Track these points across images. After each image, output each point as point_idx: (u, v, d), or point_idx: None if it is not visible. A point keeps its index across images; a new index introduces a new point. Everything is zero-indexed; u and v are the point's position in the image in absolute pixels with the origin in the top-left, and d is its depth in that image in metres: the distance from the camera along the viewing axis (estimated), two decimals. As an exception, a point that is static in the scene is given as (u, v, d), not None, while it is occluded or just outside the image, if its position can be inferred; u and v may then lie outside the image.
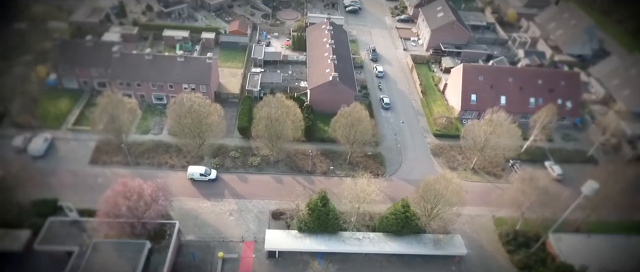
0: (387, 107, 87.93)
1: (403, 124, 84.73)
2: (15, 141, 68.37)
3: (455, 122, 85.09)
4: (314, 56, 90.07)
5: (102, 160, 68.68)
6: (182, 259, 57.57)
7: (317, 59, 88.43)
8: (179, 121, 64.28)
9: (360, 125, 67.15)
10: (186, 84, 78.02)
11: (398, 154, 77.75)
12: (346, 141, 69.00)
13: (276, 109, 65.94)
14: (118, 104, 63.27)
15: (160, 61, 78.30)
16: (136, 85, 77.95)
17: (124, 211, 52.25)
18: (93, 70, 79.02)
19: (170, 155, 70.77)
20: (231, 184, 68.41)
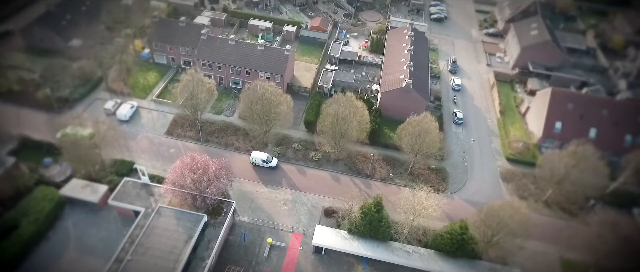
0: (459, 123, 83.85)
1: (474, 142, 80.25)
2: (107, 104, 75.73)
3: (533, 148, 78.75)
4: (390, 60, 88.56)
5: (176, 132, 73.61)
6: (233, 238, 59.85)
7: (392, 64, 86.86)
8: (250, 106, 66.82)
9: (428, 136, 64.72)
10: (262, 72, 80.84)
11: (464, 172, 73.83)
12: (410, 151, 66.97)
13: (344, 108, 65.86)
14: (198, 83, 67.31)
15: (241, 47, 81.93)
16: (217, 67, 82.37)
17: (188, 182, 55.57)
18: (182, 49, 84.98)
19: (237, 137, 73.86)
20: (289, 174, 69.68)
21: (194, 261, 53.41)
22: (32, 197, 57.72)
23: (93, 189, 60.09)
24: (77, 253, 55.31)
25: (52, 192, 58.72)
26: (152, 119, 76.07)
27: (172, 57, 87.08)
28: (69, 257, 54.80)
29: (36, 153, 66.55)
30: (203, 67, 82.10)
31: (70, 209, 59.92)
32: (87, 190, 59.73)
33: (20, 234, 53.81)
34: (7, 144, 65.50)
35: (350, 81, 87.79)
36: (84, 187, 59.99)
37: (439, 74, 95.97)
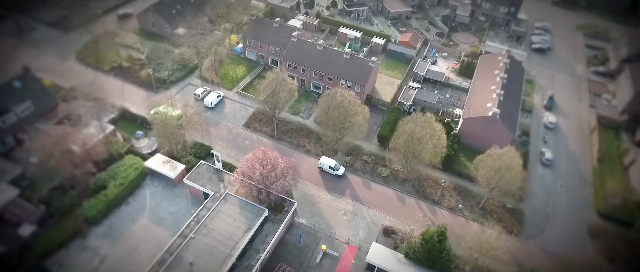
0: (547, 164, 76.54)
1: (561, 187, 72.65)
2: (197, 91, 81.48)
3: (633, 207, 69.15)
4: (479, 86, 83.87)
5: (253, 126, 76.75)
6: (289, 237, 60.55)
7: (481, 90, 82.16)
8: (327, 112, 67.42)
9: (508, 173, 59.85)
10: (344, 80, 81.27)
11: (544, 218, 67.12)
12: (486, 184, 62.50)
13: (421, 128, 63.61)
14: (282, 82, 69.58)
15: (328, 53, 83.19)
16: (301, 70, 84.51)
17: (257, 175, 57.46)
18: (271, 48, 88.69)
19: (309, 140, 74.91)
20: (355, 185, 68.91)
21: (249, 252, 54.96)
22: (121, 163, 63.82)
23: (172, 166, 64.74)
24: (149, 222, 59.90)
25: (138, 162, 64.39)
26: (234, 110, 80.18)
27: (261, 54, 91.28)
28: (142, 224, 59.56)
29: (131, 125, 73.68)
30: (288, 68, 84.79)
31: (151, 180, 65.19)
32: (167, 166, 64.53)
33: (106, 195, 59.73)
34: (110, 113, 73.28)
35: (432, 102, 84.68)
36: (165, 163, 64.88)
37: (531, 108, 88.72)
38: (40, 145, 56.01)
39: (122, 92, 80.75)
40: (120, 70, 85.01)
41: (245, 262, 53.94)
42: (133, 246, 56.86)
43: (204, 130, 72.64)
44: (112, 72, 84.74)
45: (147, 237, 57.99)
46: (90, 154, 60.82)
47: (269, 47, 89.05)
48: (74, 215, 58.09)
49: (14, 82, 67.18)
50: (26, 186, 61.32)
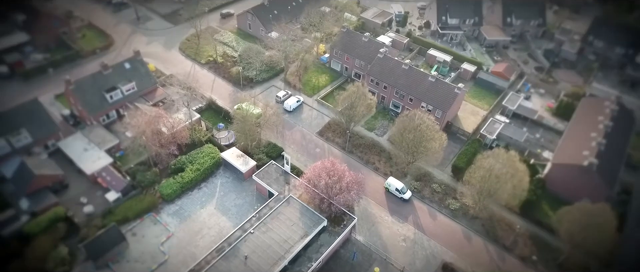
0: (649, 231, 66.45)
1: (663, 261, 62.52)
2: (279, 93, 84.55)
3: None
4: (576, 131, 75.89)
5: (327, 135, 77.42)
6: (343, 252, 59.70)
7: (578, 135, 74.23)
8: (402, 133, 65.71)
9: (598, 232, 53.01)
10: (425, 103, 78.75)
11: (635, 292, 58.23)
12: (569, 240, 55.97)
13: (502, 166, 59.03)
14: (361, 96, 69.44)
15: (413, 74, 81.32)
16: (383, 86, 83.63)
17: (322, 184, 57.75)
18: (357, 61, 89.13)
19: (379, 158, 73.57)
20: (419, 212, 66.07)
21: (302, 258, 55.17)
22: (201, 150, 68.22)
23: (245, 160, 67.63)
24: (216, 209, 63.07)
25: (216, 152, 68.33)
26: (310, 117, 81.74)
27: (346, 66, 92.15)
28: (209, 210, 62.92)
29: (215, 116, 78.62)
30: (370, 83, 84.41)
31: (223, 171, 68.76)
32: (240, 160, 67.58)
33: (183, 177, 64.15)
34: (198, 102, 78.95)
35: (519, 139, 78.41)
36: (239, 157, 68.01)
37: (638, 165, 77.99)
38: (137, 122, 62.01)
39: (212, 85, 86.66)
40: (215, 64, 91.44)
41: (297, 268, 54.21)
42: (197, 229, 60.23)
43: (279, 131, 75.11)
44: (207, 65, 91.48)
45: (211, 223, 61.08)
46: (175, 137, 65.93)
47: (354, 60, 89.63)
48: (152, 190, 63.27)
49: (125, 63, 75.50)
50: (118, 157, 68.26)
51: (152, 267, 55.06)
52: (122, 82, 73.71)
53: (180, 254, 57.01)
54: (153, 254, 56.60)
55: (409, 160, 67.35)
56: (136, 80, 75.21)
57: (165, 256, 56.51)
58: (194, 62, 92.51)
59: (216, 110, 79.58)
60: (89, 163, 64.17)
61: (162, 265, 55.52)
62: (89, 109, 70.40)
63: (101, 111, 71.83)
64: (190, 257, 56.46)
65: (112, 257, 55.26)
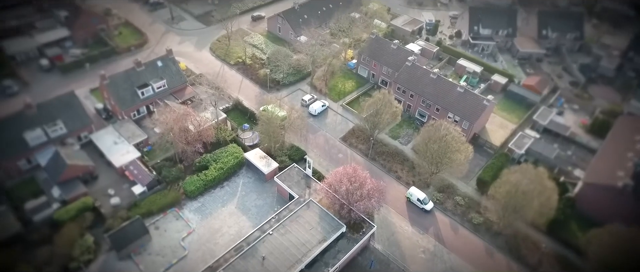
0: (687, 260, 62.77)
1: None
2: (305, 97, 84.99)
3: None
4: (611, 150, 72.71)
5: (350, 141, 77.19)
6: (361, 260, 59.19)
7: (613, 155, 71.10)
8: (427, 143, 64.73)
9: (630, 259, 50.45)
10: (452, 114, 77.39)
11: (669, 324, 55.00)
12: (597, 263, 53.52)
13: (529, 182, 57.13)
14: (387, 103, 68.96)
15: (441, 83, 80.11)
16: (410, 95, 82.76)
17: (343, 190, 57.54)
18: (384, 69, 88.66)
19: (402, 167, 72.73)
20: (441, 225, 64.80)
21: (319, 263, 55.03)
22: (225, 149, 69.31)
23: (267, 162, 68.21)
24: (236, 209, 63.83)
25: (239, 152, 69.26)
26: (335, 122, 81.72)
27: (373, 73, 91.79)
28: (229, 209, 63.76)
29: (240, 117, 79.79)
30: (397, 91, 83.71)
31: (246, 171, 69.59)
32: (263, 161, 68.22)
33: (206, 175, 65.30)
34: (225, 102, 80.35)
35: (549, 156, 75.83)
36: (262, 158, 68.67)
37: (676, 189, 73.97)
38: (165, 119, 63.65)
39: (240, 86, 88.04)
40: (243, 66, 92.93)
41: (313, 272, 54.18)
42: (218, 227, 61.10)
43: (303, 135, 75.45)
44: (236, 66, 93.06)
45: (231, 222, 61.83)
46: (201, 135, 67.27)
47: (381, 67, 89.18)
48: (177, 186, 64.69)
49: (157, 61, 77.75)
50: (146, 152, 70.20)
51: (172, 262, 56.19)
52: (153, 79, 75.91)
53: (199, 250, 57.96)
54: (174, 249, 57.78)
55: (432, 170, 66.25)
56: (167, 78, 77.29)
57: (185, 251, 57.58)
58: (223, 63, 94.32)
59: (242, 110, 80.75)
60: (118, 156, 66.28)
61: (181, 260, 56.58)
62: (121, 104, 72.80)
63: (132, 106, 74.15)
64: (210, 254, 57.30)
65: (135, 249, 56.75)
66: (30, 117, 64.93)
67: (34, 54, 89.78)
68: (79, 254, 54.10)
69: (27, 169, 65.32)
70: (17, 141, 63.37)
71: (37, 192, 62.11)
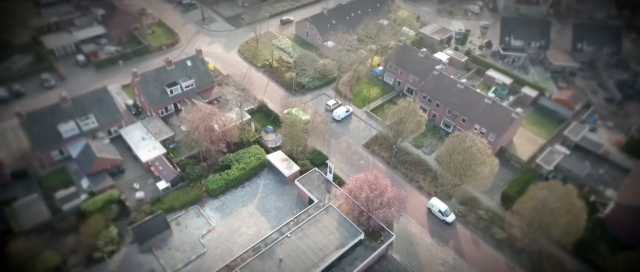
0: None
1: None
2: (329, 101, 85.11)
3: None
4: (647, 170, 69.48)
5: (372, 148, 76.69)
6: (378, 268, 58.53)
7: (648, 175, 67.92)
8: (451, 154, 63.56)
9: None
10: (478, 125, 75.81)
11: None
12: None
13: (557, 200, 55.19)
14: (412, 112, 68.22)
15: (468, 94, 78.67)
16: (435, 104, 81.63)
17: (362, 197, 57.20)
18: (410, 77, 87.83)
19: (424, 177, 71.67)
20: (461, 238, 63.38)
21: (335, 269, 54.75)
22: (248, 150, 70.11)
23: (289, 165, 68.56)
24: (256, 209, 64.38)
25: (261, 153, 69.92)
26: (358, 128, 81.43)
27: (399, 80, 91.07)
28: (249, 209, 64.36)
29: (264, 118, 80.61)
30: (422, 100, 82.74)
31: (267, 172, 70.14)
32: (284, 164, 68.61)
33: (229, 174, 66.20)
34: (250, 104, 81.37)
35: (579, 173, 73.08)
36: (283, 161, 69.09)
37: None
38: (192, 117, 65.02)
39: (265, 88, 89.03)
40: (270, 68, 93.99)
41: (329, 277, 53.92)
42: (237, 226, 61.75)
43: (325, 139, 75.52)
44: (263, 69, 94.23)
45: (250, 222, 62.39)
46: (226, 135, 68.31)
47: (408, 75, 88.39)
48: (199, 184, 65.84)
49: (187, 61, 79.61)
50: (172, 149, 71.84)
51: (191, 258, 57.12)
52: (182, 78, 77.74)
53: (218, 248, 58.71)
54: (193, 245, 58.75)
55: (455, 182, 65.00)
56: (195, 77, 79.00)
57: (204, 248, 58.43)
58: (250, 65, 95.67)
59: (266, 112, 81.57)
60: (144, 152, 68.09)
61: (200, 256, 57.45)
62: (150, 101, 74.83)
63: (161, 104, 76.10)
64: (228, 252, 57.95)
65: (156, 243, 58.01)
66: (65, 110, 67.59)
67: (72, 50, 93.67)
68: (103, 245, 55.76)
69: (59, 160, 67.92)
70: (52, 133, 66.03)
71: (68, 183, 64.47)
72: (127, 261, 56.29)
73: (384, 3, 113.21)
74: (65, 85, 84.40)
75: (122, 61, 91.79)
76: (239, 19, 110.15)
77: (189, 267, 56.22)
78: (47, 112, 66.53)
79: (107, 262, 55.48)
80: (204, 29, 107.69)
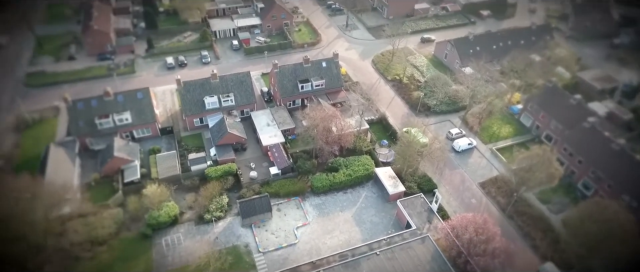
0: None
1: None
2: (452, 130, 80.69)
3: None
4: None
5: (489, 189, 70.22)
6: (464, 320, 53.56)
7: None
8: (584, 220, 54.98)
9: None
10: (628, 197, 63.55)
11: None
12: None
13: None
14: (546, 162, 60.64)
15: (624, 159, 66.40)
16: (577, 161, 71.04)
17: (465, 237, 53.30)
18: (553, 123, 78.03)
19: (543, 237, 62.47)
20: (574, 320, 54.08)
21: (417, 304, 51.84)
22: (358, 158, 70.60)
23: (395, 183, 67.09)
24: (352, 218, 64.52)
25: (370, 165, 69.77)
26: (477, 164, 75.54)
27: (538, 124, 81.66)
28: (346, 216, 64.82)
29: (382, 131, 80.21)
30: (562, 151, 72.84)
31: (371, 185, 69.71)
32: (391, 181, 67.35)
33: (335, 177, 67.69)
34: (371, 114, 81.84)
35: None
36: (390, 178, 67.87)
37: None
38: (314, 115, 68.18)
39: (390, 102, 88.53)
40: (399, 84, 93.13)
41: (409, 310, 51.26)
42: (330, 228, 62.78)
43: (439, 167, 71.98)
44: (392, 82, 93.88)
45: (344, 228, 62.83)
46: (341, 139, 69.90)
47: (550, 121, 78.69)
48: (306, 178, 68.71)
49: (323, 62, 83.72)
50: (290, 140, 76.38)
51: (283, 245, 59.99)
52: (315, 77, 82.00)
53: (308, 243, 60.51)
54: (287, 234, 61.61)
55: (582, 254, 55.68)
56: (327, 78, 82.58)
57: (296, 239, 60.82)
58: (380, 76, 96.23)
59: (385, 126, 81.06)
60: (266, 137, 73.73)
61: (290, 246, 59.96)
62: (282, 92, 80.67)
63: (291, 97, 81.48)
64: (316, 250, 59.34)
65: (257, 221, 62.42)
66: (213, 85, 77.05)
67: (230, 34, 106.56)
68: (213, 209, 62.14)
69: (197, 126, 77.74)
70: (199, 102, 75.93)
71: (199, 148, 73.55)
72: (229, 229, 61.73)
73: (541, 37, 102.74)
74: (218, 63, 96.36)
75: (267, 52, 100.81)
76: (380, 30, 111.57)
77: (279, 253, 59.14)
78: (198, 84, 76.66)
79: (213, 226, 61.66)
80: (345, 34, 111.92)
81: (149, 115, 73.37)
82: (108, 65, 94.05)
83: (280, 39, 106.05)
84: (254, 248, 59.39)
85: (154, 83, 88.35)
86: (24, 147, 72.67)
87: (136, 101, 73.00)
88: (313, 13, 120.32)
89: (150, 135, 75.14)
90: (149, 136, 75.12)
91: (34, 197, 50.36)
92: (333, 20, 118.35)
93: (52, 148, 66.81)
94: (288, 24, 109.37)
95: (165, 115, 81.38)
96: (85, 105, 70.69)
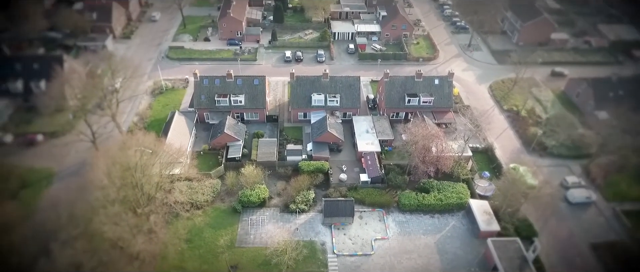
0: None
1: None
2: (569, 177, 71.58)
3: None
4: None
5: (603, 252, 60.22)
6: None
7: None
8: None
9: None
10: None
11: None
12: None
13: None
14: None
15: None
16: None
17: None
18: None
19: (665, 328, 52.57)
20: None
21: None
22: (453, 185, 66.93)
23: (489, 220, 61.93)
24: (434, 244, 61.20)
25: (465, 195, 65.56)
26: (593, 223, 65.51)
27: None
28: (428, 240, 61.75)
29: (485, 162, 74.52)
30: None
31: (462, 216, 65.32)
32: (485, 216, 62.38)
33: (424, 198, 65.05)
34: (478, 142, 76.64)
35: None
36: (485, 213, 62.81)
37: None
38: (416, 131, 66.34)
39: (500, 134, 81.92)
40: (515, 116, 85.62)
41: None
42: (409, 249, 60.49)
43: (544, 216, 64.58)
44: (507, 113, 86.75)
45: (423, 253, 60.03)
46: (439, 161, 66.80)
47: None
48: (394, 193, 67.21)
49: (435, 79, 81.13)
50: (385, 151, 75.36)
51: (357, 253, 59.61)
52: (424, 93, 79.69)
53: (383, 258, 59.19)
54: (364, 243, 61.04)
55: None
56: (436, 96, 79.69)
57: (372, 251, 59.92)
58: (496, 104, 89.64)
59: (490, 158, 75.33)
60: (363, 143, 73.83)
61: (364, 256, 59.29)
62: (388, 102, 79.99)
63: (395, 108, 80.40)
64: (389, 267, 57.82)
65: (337, 223, 63.02)
66: (322, 84, 79.69)
67: (347, 38, 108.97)
68: (299, 201, 64.36)
69: (300, 120, 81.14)
70: (306, 98, 79.25)
71: (298, 140, 76.78)
72: (309, 224, 63.37)
73: None
74: (332, 64, 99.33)
75: (381, 60, 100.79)
76: (505, 56, 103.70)
77: (353, 259, 58.94)
78: (309, 81, 79.92)
79: (296, 216, 63.91)
80: (465, 54, 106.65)
81: (260, 102, 78.83)
82: (235, 50, 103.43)
83: (396, 49, 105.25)
84: (329, 248, 60.09)
85: (271, 73, 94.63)
86: (154, 109, 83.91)
87: (252, 87, 78.95)
88: (435, 28, 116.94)
89: (257, 119, 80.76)
90: (256, 120, 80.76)
91: (155, 154, 57.72)
92: (455, 37, 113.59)
93: (177, 115, 75.83)
94: (407, 36, 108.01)
95: (274, 104, 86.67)
96: (210, 83, 78.65)
